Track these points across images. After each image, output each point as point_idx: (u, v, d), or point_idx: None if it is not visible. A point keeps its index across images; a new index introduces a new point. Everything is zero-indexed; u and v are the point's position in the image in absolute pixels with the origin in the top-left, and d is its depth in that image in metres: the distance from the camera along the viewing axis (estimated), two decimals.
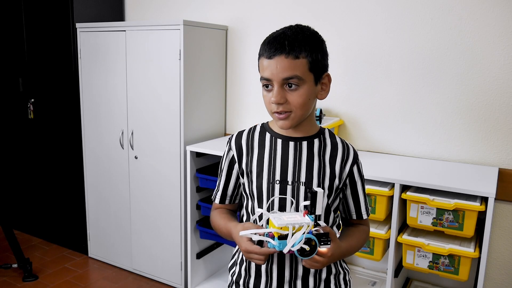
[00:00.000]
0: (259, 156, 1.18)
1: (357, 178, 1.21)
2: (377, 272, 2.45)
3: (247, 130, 1.24)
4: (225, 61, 2.84)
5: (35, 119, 3.25)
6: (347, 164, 1.18)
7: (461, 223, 1.80)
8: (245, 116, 2.84)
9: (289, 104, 1.09)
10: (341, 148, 1.19)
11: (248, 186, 1.18)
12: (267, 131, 1.21)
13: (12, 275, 2.88)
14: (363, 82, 2.40)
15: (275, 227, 1.00)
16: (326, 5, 2.44)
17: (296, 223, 1.00)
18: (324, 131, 1.22)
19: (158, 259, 2.81)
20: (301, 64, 1.06)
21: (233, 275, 1.27)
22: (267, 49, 1.08)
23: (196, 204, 2.60)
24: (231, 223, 1.19)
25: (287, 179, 1.14)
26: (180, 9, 2.98)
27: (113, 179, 2.93)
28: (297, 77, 1.06)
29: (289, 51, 1.05)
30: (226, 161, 1.24)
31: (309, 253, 1.01)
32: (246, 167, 1.19)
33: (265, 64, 1.09)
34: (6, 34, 3.30)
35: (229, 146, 1.23)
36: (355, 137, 2.46)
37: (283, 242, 1.00)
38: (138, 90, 2.69)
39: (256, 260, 1.06)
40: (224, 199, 1.27)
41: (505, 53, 2.04)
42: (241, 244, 1.08)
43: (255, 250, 1.04)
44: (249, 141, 1.21)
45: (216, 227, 1.26)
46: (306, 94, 1.09)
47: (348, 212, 1.25)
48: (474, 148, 2.17)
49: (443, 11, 2.15)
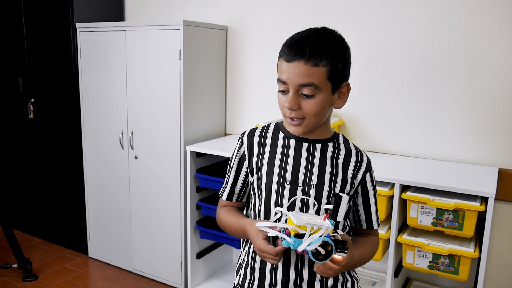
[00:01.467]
0: (271, 155, 1.15)
1: (370, 187, 1.19)
2: (377, 272, 2.45)
3: (260, 127, 1.21)
4: (225, 61, 2.84)
5: (35, 119, 3.25)
6: (360, 171, 1.16)
7: (461, 223, 1.80)
8: (245, 116, 2.84)
9: (302, 111, 1.06)
10: (355, 155, 1.17)
11: (257, 185, 1.16)
12: (280, 131, 1.18)
13: (12, 275, 2.88)
14: (363, 82, 2.40)
15: (294, 225, 0.97)
16: (326, 5, 2.44)
17: (315, 224, 0.97)
18: (339, 136, 1.19)
19: (158, 259, 2.81)
20: (319, 72, 1.03)
21: (239, 278, 1.25)
22: (287, 52, 1.05)
23: (196, 204, 2.60)
24: (245, 220, 1.16)
25: (298, 180, 1.12)
26: (180, 9, 2.98)
27: (113, 179, 2.93)
28: (314, 85, 1.03)
29: (309, 58, 1.02)
30: (236, 157, 1.21)
31: (323, 257, 0.98)
32: (257, 165, 1.16)
33: (283, 67, 1.06)
34: (6, 34, 3.30)
35: (241, 143, 1.21)
36: (355, 137, 2.46)
37: (299, 240, 0.97)
38: (138, 90, 2.69)
39: (269, 260, 1.04)
40: (232, 197, 1.24)
41: (505, 53, 2.04)
42: (256, 242, 1.06)
43: (269, 250, 1.02)
44: (262, 139, 1.18)
45: (225, 225, 1.22)
46: (321, 103, 1.06)
47: (358, 221, 1.22)
48: (474, 148, 2.17)
49: (443, 11, 2.15)
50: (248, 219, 1.16)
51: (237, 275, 1.26)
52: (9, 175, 3.59)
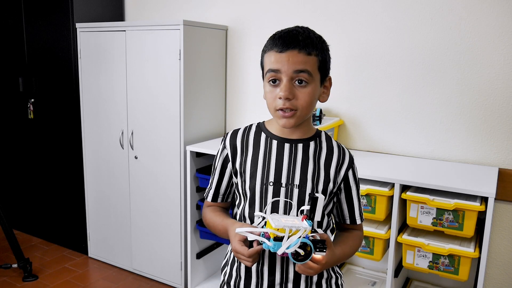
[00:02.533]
0: (253, 157, 1.16)
1: (352, 183, 1.20)
2: (377, 272, 2.45)
3: (242, 129, 1.22)
4: (225, 61, 2.84)
5: (35, 119, 3.25)
6: (342, 168, 1.17)
7: (461, 223, 1.80)
8: (245, 116, 2.84)
9: (296, 101, 1.06)
10: (337, 152, 1.18)
11: (241, 186, 1.17)
12: (262, 131, 1.20)
13: (12, 275, 2.88)
14: (363, 82, 2.40)
15: (272, 228, 0.99)
16: (326, 5, 2.44)
17: (294, 226, 0.99)
18: (321, 134, 1.20)
19: (158, 259, 2.81)
20: (312, 61, 1.06)
21: (225, 275, 1.26)
22: (278, 43, 1.06)
23: (196, 204, 2.60)
24: (228, 220, 1.17)
25: (281, 181, 1.13)
26: (180, 9, 2.98)
27: (113, 179, 2.93)
28: (308, 72, 1.05)
29: (303, 46, 1.04)
30: (219, 159, 1.22)
31: (303, 258, 1.00)
32: (240, 167, 1.17)
33: (274, 58, 1.06)
34: (6, 34, 3.30)
35: (224, 145, 1.21)
36: (355, 137, 2.46)
37: (278, 243, 0.99)
38: (138, 90, 2.69)
39: (244, 261, 1.05)
40: (217, 198, 1.26)
41: (505, 53, 2.04)
42: (232, 243, 1.07)
43: (242, 251, 1.03)
44: (244, 140, 1.19)
45: (210, 224, 1.24)
46: (313, 93, 1.07)
47: (342, 217, 1.23)
48: (474, 148, 2.17)
49: (443, 11, 2.15)
50: (231, 220, 1.17)
51: (223, 271, 1.28)
52: (9, 175, 3.59)
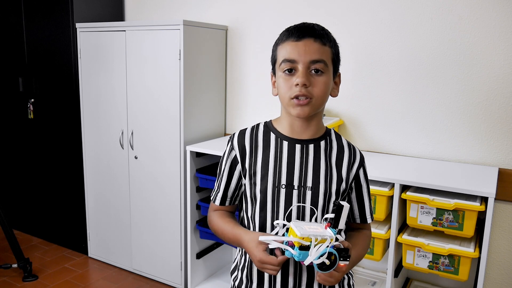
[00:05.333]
0: (264, 158, 1.12)
1: (363, 182, 1.19)
2: (377, 272, 2.45)
3: (249, 128, 1.19)
4: (225, 61, 2.84)
5: (35, 119, 3.25)
6: (354, 167, 1.16)
7: (461, 223, 1.80)
8: (245, 116, 2.84)
9: (312, 89, 1.06)
10: (347, 150, 1.17)
11: (251, 189, 1.13)
12: (271, 131, 1.16)
13: (12, 275, 2.88)
14: (363, 82, 2.40)
15: (297, 237, 0.96)
16: (326, 5, 2.44)
17: (319, 235, 0.96)
18: (330, 132, 1.19)
19: (158, 259, 2.81)
20: (327, 52, 1.08)
21: (235, 280, 1.23)
22: (294, 32, 1.08)
23: (196, 204, 2.60)
24: (239, 229, 1.14)
25: (293, 184, 1.10)
26: (180, 9, 2.98)
27: (113, 179, 2.93)
28: (324, 62, 1.06)
29: (318, 36, 1.07)
30: (227, 161, 1.18)
31: (327, 267, 0.98)
32: (250, 169, 1.13)
33: (290, 48, 1.07)
34: (6, 34, 3.30)
35: (231, 146, 1.17)
36: (355, 137, 2.46)
37: (304, 253, 0.96)
38: (138, 90, 2.69)
39: (270, 271, 1.03)
40: (225, 201, 1.21)
41: (505, 53, 2.04)
42: (255, 254, 1.04)
43: (271, 261, 1.01)
44: (253, 141, 1.16)
45: (218, 231, 1.20)
46: (328, 83, 1.08)
47: (352, 216, 1.21)
48: (474, 148, 2.17)
49: (443, 11, 2.15)
50: (243, 229, 1.14)
51: (232, 276, 1.26)
52: (9, 175, 3.59)
